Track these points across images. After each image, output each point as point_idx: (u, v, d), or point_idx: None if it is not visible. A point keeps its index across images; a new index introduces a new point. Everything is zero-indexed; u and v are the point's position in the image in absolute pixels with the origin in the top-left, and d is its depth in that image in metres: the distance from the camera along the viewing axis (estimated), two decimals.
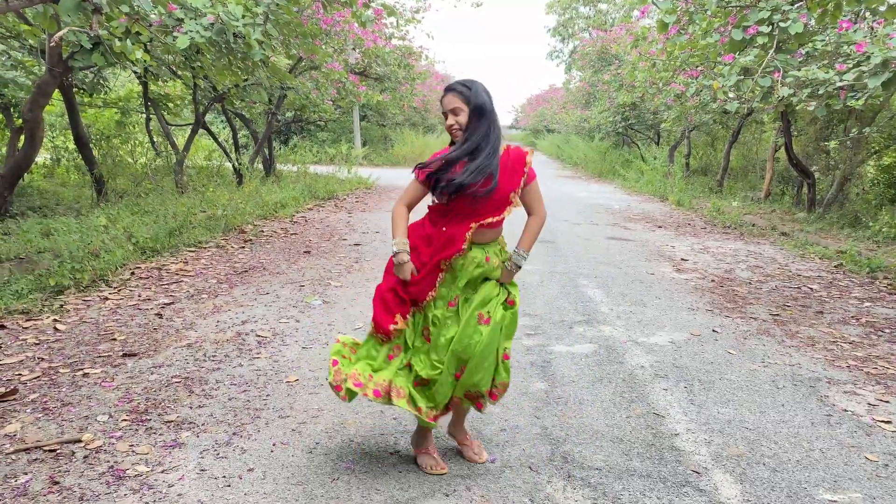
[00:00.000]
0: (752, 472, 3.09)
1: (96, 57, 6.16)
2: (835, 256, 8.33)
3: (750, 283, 6.99)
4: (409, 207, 2.94)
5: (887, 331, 5.40)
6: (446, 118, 2.86)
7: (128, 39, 4.72)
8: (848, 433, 3.55)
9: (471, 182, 2.77)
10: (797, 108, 8.88)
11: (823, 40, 7.66)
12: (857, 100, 6.89)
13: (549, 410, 3.68)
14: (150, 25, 6.27)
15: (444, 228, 2.89)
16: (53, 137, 15.05)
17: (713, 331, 5.30)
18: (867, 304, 6.27)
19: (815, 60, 8.53)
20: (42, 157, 15.34)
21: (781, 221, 11.49)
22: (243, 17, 6.31)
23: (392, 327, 2.86)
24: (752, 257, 8.48)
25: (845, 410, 3.85)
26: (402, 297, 2.90)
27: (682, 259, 8.23)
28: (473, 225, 2.86)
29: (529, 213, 3.09)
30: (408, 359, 2.91)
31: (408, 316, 2.91)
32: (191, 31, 6.07)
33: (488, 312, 2.85)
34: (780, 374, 4.39)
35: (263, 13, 6.32)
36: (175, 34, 6.09)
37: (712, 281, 7.06)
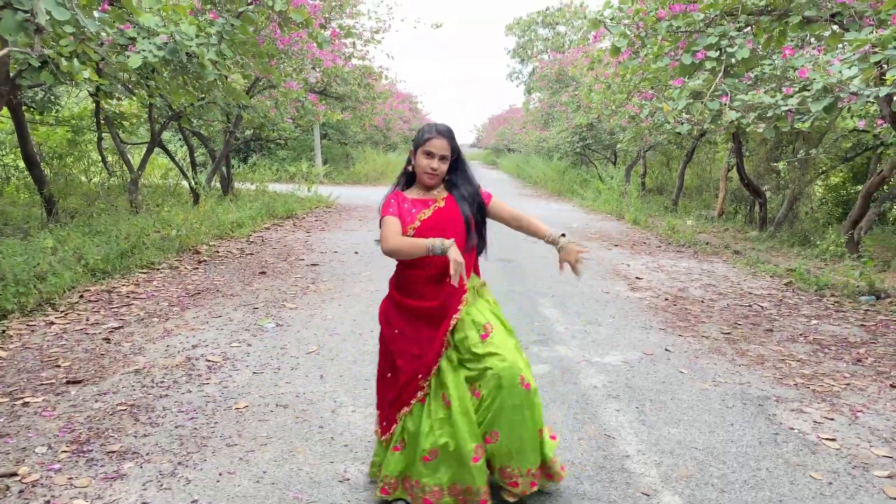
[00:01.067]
0: (701, 493, 3.12)
1: (44, 75, 6.04)
2: (784, 274, 8.53)
3: (703, 302, 7.10)
4: None
5: (833, 348, 5.53)
6: (429, 157, 2.83)
7: (75, 59, 4.63)
8: (794, 451, 3.61)
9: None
10: (747, 129, 9.11)
11: (771, 64, 7.89)
12: (804, 122, 7.09)
13: None
14: (102, 44, 6.18)
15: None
16: (2, 156, 14.69)
17: (666, 350, 5.36)
18: (815, 321, 6.42)
19: (763, 84, 8.78)
20: None
21: (734, 240, 11.74)
22: (197, 37, 6.27)
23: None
24: (705, 275, 8.62)
25: (791, 429, 3.91)
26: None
27: (637, 278, 8.34)
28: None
29: (511, 219, 3.22)
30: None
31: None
32: (143, 51, 6.00)
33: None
34: (730, 392, 4.46)
35: (217, 33, 6.28)
36: (128, 53, 6.01)
37: (666, 299, 7.16)
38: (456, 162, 2.95)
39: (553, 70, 21.49)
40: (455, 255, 2.60)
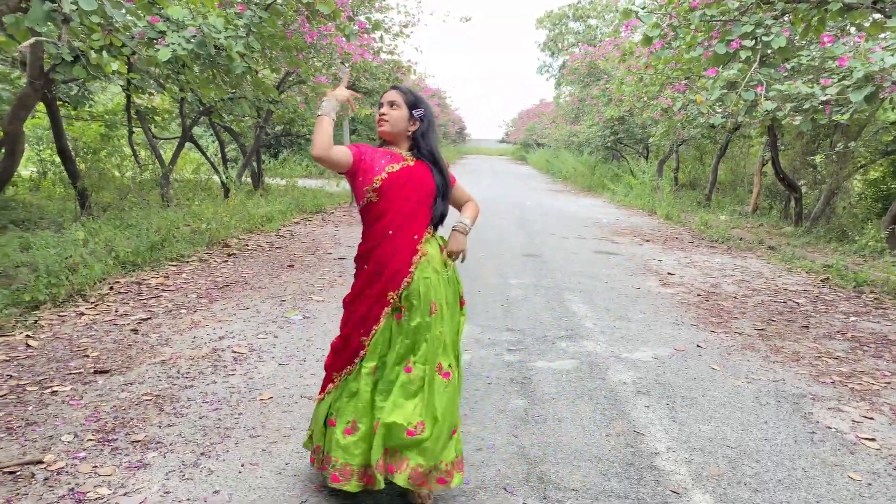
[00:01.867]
0: (733, 492, 3.02)
1: (77, 69, 6.10)
2: (821, 270, 8.31)
3: (736, 298, 6.95)
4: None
5: (872, 346, 5.36)
6: (378, 108, 2.85)
7: (104, 52, 4.66)
8: (831, 451, 3.48)
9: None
10: (783, 122, 8.90)
11: (809, 55, 7.67)
12: (843, 114, 6.88)
13: (528, 429, 3.60)
14: (133, 38, 6.22)
15: (389, 232, 2.76)
16: (40, 150, 14.97)
17: (697, 346, 5.24)
18: (853, 318, 6.23)
19: (800, 75, 8.55)
20: (29, 170, 15.26)
21: (769, 235, 11.49)
22: (226, 29, 6.27)
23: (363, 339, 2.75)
24: (738, 271, 8.44)
25: (829, 428, 3.79)
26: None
27: (669, 273, 8.19)
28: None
29: (462, 203, 3.10)
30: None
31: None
32: (173, 44, 6.02)
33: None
34: (764, 390, 4.34)
35: (245, 26, 6.28)
36: (157, 46, 6.04)
37: (698, 295, 7.01)
38: (425, 127, 2.87)
39: (584, 63, 21.25)
40: (337, 93, 2.75)
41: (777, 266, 8.87)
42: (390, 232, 2.74)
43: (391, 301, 2.72)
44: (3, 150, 7.59)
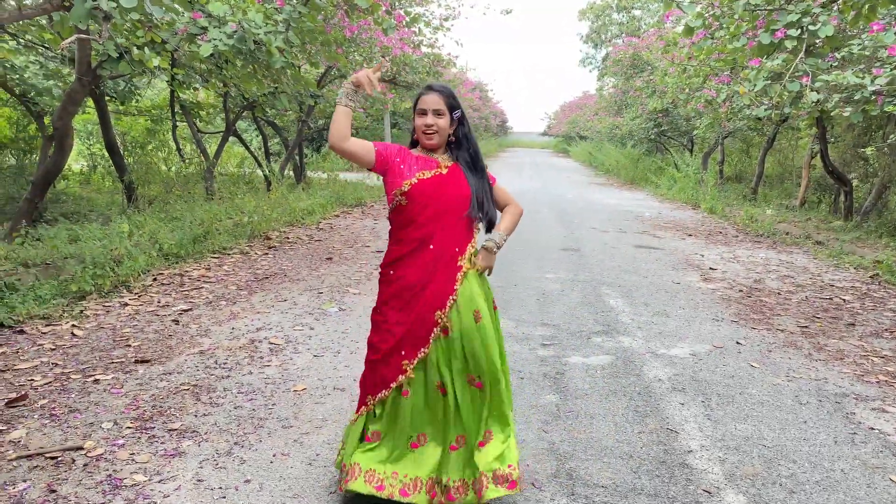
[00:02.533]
0: (767, 492, 2.96)
1: (122, 66, 6.25)
2: (871, 266, 8.06)
3: (779, 294, 6.78)
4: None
5: None
6: (422, 116, 2.70)
7: (145, 48, 4.76)
8: (873, 453, 3.38)
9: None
10: (832, 114, 8.63)
11: (861, 44, 7.43)
12: (895, 105, 6.65)
13: (559, 424, 3.58)
14: (176, 34, 6.34)
15: (430, 246, 2.69)
16: (90, 145, 15.40)
17: (737, 343, 5.13)
18: None
19: (851, 65, 8.28)
20: (79, 164, 15.72)
21: (817, 230, 11.18)
22: (265, 24, 6.35)
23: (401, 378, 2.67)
24: (783, 267, 8.24)
25: (872, 429, 3.68)
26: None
27: (711, 268, 8.04)
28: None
29: (503, 206, 2.99)
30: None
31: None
32: (214, 39, 6.12)
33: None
34: (805, 388, 4.23)
35: (284, 21, 6.34)
36: (199, 42, 6.15)
37: (740, 291, 6.86)
38: (460, 128, 2.77)
39: (627, 55, 20.94)
40: (351, 76, 2.60)
41: (824, 261, 8.62)
42: (431, 246, 2.67)
43: (439, 322, 2.65)
44: (53, 145, 7.81)
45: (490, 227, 2.84)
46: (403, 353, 2.67)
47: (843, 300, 6.60)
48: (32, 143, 11.85)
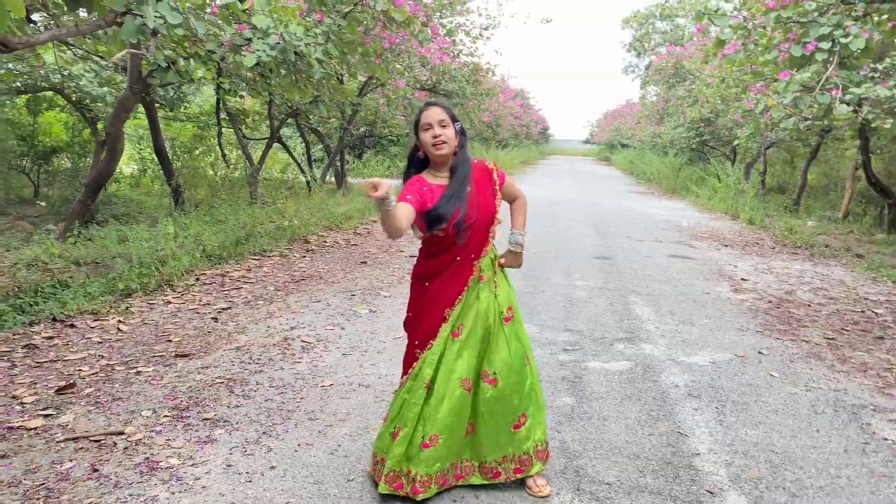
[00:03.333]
0: (770, 495, 3.05)
1: (171, 75, 6.58)
2: None
3: (809, 306, 6.77)
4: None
5: None
6: (427, 130, 2.81)
7: (191, 59, 5.05)
8: (882, 462, 3.44)
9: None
10: (873, 125, 8.55)
11: None
12: None
13: (571, 425, 3.71)
14: (222, 45, 6.66)
15: (457, 258, 2.90)
16: (141, 149, 15.99)
17: (759, 352, 5.18)
18: None
19: (894, 77, 8.20)
20: (131, 167, 16.32)
21: (858, 242, 11.03)
22: (306, 36, 6.62)
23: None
24: (818, 279, 8.19)
25: (885, 439, 3.72)
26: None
27: (743, 279, 8.04)
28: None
29: (513, 200, 3.16)
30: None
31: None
32: (258, 50, 6.42)
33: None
34: (823, 399, 4.28)
35: (324, 33, 6.61)
36: (244, 53, 6.45)
37: (769, 302, 6.87)
38: (463, 144, 2.91)
39: (670, 63, 20.86)
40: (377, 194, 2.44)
41: (861, 274, 8.54)
42: (458, 258, 2.88)
43: (447, 318, 2.87)
44: (105, 149, 8.22)
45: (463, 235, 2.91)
46: (417, 343, 2.96)
47: (876, 313, 6.57)
48: (87, 147, 12.40)
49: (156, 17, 3.75)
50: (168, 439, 3.37)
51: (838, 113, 5.57)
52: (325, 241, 9.52)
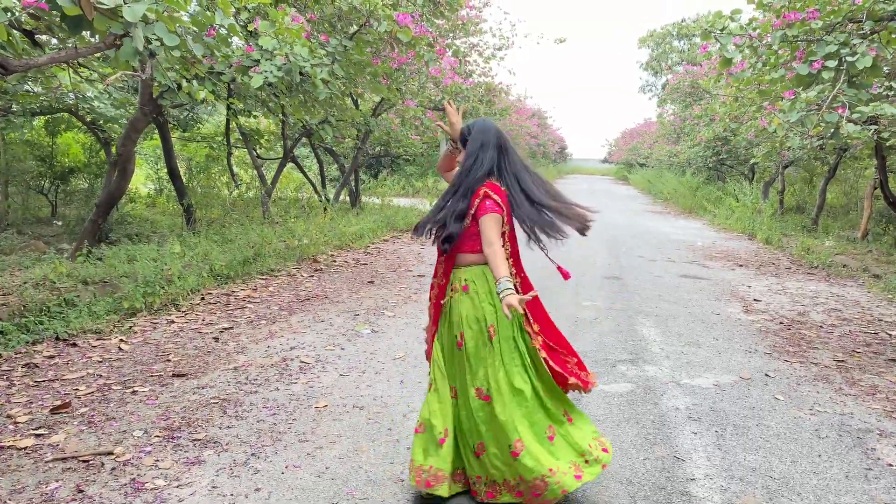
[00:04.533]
0: None
1: (181, 96, 6.66)
2: None
3: (821, 327, 6.64)
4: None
5: None
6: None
7: (193, 81, 5.11)
8: (885, 489, 3.33)
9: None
10: (888, 143, 8.42)
11: None
12: None
13: None
14: (231, 66, 6.74)
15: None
16: (158, 169, 16.19)
17: (766, 375, 5.08)
18: None
19: None
20: (147, 187, 16.52)
21: (876, 263, 10.83)
22: (312, 57, 6.68)
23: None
24: (832, 300, 8.04)
25: (890, 465, 3.61)
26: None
27: (755, 300, 7.92)
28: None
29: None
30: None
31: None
32: (265, 71, 6.48)
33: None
34: (827, 423, 4.17)
35: (329, 54, 6.66)
36: (251, 74, 6.52)
37: (780, 323, 6.75)
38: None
39: (686, 82, 20.80)
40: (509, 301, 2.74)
41: (878, 295, 8.38)
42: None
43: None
44: (116, 170, 8.31)
45: (448, 240, 2.99)
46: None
47: (889, 335, 6.43)
48: (103, 167, 12.56)
49: (154, 38, 3.79)
50: (156, 460, 3.36)
51: (846, 132, 5.48)
52: (335, 261, 9.53)
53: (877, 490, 3.32)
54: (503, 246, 2.94)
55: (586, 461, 2.90)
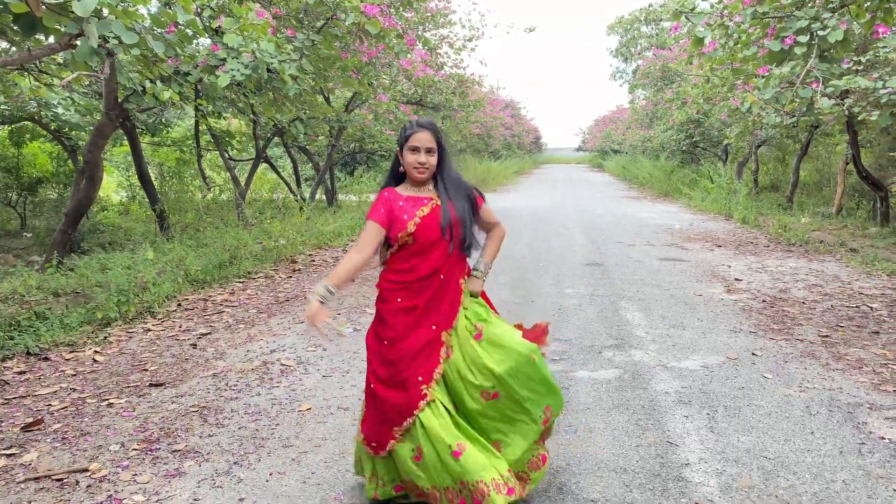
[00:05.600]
0: None
1: (147, 98, 6.49)
2: None
3: (804, 303, 6.65)
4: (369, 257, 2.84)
5: None
6: (414, 152, 2.81)
7: (157, 82, 4.96)
8: (879, 463, 3.30)
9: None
10: (860, 118, 8.46)
11: (886, 46, 7.30)
12: None
13: (556, 439, 3.56)
14: (197, 66, 6.57)
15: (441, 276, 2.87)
16: (129, 176, 15.89)
17: (752, 354, 5.05)
18: None
19: (878, 68, 8.12)
20: (119, 194, 16.22)
21: (852, 237, 10.91)
22: (279, 53, 6.53)
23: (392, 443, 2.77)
24: (812, 275, 8.07)
25: (882, 438, 3.59)
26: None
27: (736, 279, 7.91)
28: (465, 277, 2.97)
29: (489, 229, 3.15)
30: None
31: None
32: (232, 70, 6.33)
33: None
34: (817, 399, 4.14)
35: (297, 49, 6.52)
36: (217, 73, 6.36)
37: (763, 301, 6.74)
38: (442, 160, 2.89)
39: (657, 67, 20.83)
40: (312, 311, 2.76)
41: (856, 269, 8.42)
42: (442, 276, 2.83)
43: (445, 342, 2.81)
44: (84, 178, 8.11)
45: (465, 248, 2.91)
46: (421, 378, 2.75)
47: (871, 308, 6.44)
48: (71, 177, 12.30)
49: (111, 37, 3.65)
50: (134, 474, 3.24)
51: (821, 106, 5.46)
52: (313, 260, 9.39)
53: (871, 464, 3.28)
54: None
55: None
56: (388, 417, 2.75)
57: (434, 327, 2.80)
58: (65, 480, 3.17)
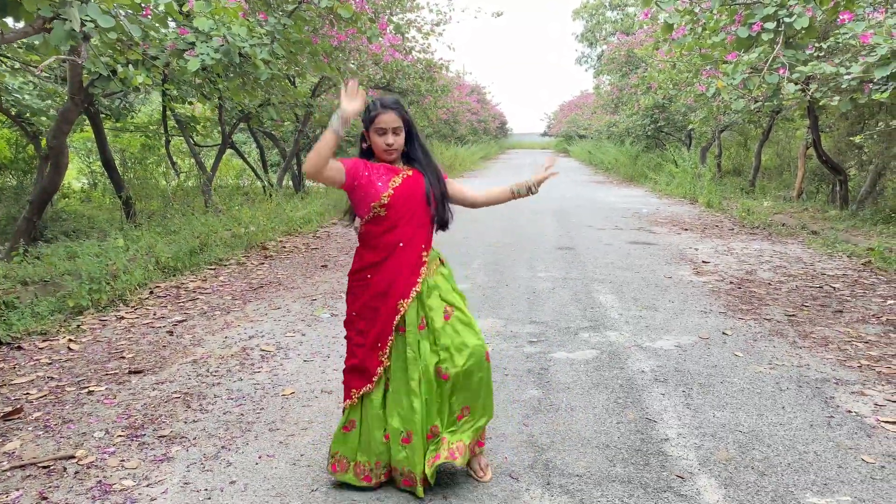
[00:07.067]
0: (739, 476, 3.03)
1: (114, 83, 6.37)
2: (864, 254, 8.10)
3: (770, 284, 6.84)
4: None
5: None
6: (382, 134, 2.81)
7: (129, 66, 4.88)
8: (847, 435, 3.45)
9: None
10: (821, 103, 8.67)
11: (847, 33, 7.48)
12: (883, 92, 6.69)
13: (539, 418, 3.65)
14: (164, 50, 6.47)
15: (400, 244, 2.88)
16: (91, 162, 15.57)
17: (723, 333, 5.20)
18: (891, 301, 6.08)
19: (839, 54, 8.33)
20: (81, 181, 15.88)
21: (812, 220, 11.22)
22: (251, 37, 6.46)
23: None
24: (776, 257, 8.29)
25: (849, 412, 3.74)
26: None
27: (704, 261, 8.10)
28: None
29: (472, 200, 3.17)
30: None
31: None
32: (202, 54, 6.24)
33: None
34: (786, 376, 4.29)
35: (269, 33, 6.46)
36: (187, 57, 6.27)
37: (731, 283, 6.92)
38: (410, 135, 2.90)
39: (622, 52, 21.02)
40: (346, 108, 2.63)
41: (817, 251, 8.67)
42: (401, 244, 2.83)
43: (401, 310, 2.83)
44: (49, 164, 7.94)
45: (442, 224, 2.98)
46: (379, 344, 2.86)
47: (834, 288, 6.66)
48: (32, 163, 12.01)
49: (87, 20, 3.59)
50: (122, 460, 3.23)
51: (787, 92, 5.61)
52: (284, 247, 9.35)
53: (840, 436, 3.43)
54: None
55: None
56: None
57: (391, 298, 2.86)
58: (51, 467, 3.15)
